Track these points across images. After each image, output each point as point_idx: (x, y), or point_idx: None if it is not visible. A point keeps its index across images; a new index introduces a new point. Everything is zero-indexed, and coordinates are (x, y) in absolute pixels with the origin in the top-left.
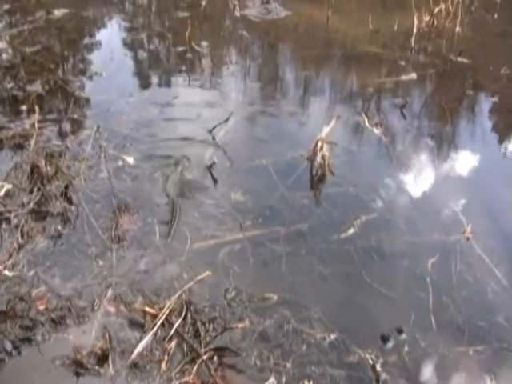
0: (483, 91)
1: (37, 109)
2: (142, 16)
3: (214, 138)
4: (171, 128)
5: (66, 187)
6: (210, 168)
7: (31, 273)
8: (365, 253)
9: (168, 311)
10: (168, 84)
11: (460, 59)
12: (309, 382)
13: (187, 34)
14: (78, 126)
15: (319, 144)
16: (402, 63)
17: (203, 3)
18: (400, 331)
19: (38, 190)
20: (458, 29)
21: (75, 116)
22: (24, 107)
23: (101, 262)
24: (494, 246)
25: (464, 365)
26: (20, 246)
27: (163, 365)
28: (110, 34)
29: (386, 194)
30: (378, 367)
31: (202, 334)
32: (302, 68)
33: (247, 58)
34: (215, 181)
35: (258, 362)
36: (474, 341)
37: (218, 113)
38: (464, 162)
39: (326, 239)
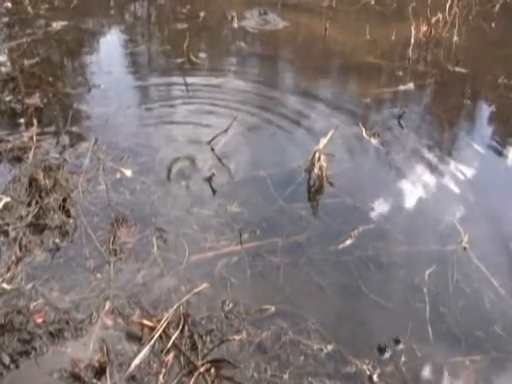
0: (481, 100)
1: (35, 122)
2: (140, 28)
3: (212, 150)
4: (169, 140)
5: (64, 200)
6: (209, 179)
7: (29, 286)
8: (362, 263)
9: (165, 324)
10: (166, 96)
11: (458, 69)
12: None
13: (185, 46)
14: (76, 138)
15: (317, 155)
16: (400, 73)
17: (201, 15)
18: (397, 342)
19: (37, 202)
20: (455, 38)
21: (73, 129)
22: (22, 120)
23: (99, 275)
24: (491, 255)
25: (461, 375)
26: (18, 259)
27: (161, 377)
28: (109, 46)
29: (383, 204)
30: (375, 378)
31: (200, 346)
32: (300, 79)
33: (246, 69)
34: (214, 192)
35: (255, 374)
36: (471, 350)
37: (216, 124)
38: (461, 171)
39: (323, 250)
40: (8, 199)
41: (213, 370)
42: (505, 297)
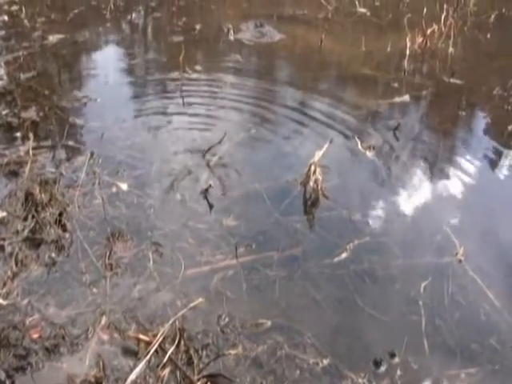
0: (476, 112)
1: (31, 136)
2: (136, 41)
3: (208, 163)
4: (165, 153)
5: (60, 214)
6: (205, 192)
7: (25, 301)
8: (358, 277)
9: (161, 338)
10: (162, 109)
11: (453, 80)
12: None
13: (181, 59)
14: (72, 152)
15: (312, 168)
16: (395, 85)
17: (197, 27)
18: (392, 355)
19: (33, 217)
20: (450, 49)
21: (69, 142)
22: (19, 134)
23: (95, 290)
24: (487, 267)
25: None
26: (14, 274)
27: None
28: (105, 60)
29: (378, 217)
30: None
31: (195, 360)
32: (296, 90)
33: (241, 81)
34: (210, 205)
35: None
36: (467, 363)
37: (212, 137)
38: (457, 183)
39: (319, 264)
40: (4, 214)
41: None
42: (500, 309)
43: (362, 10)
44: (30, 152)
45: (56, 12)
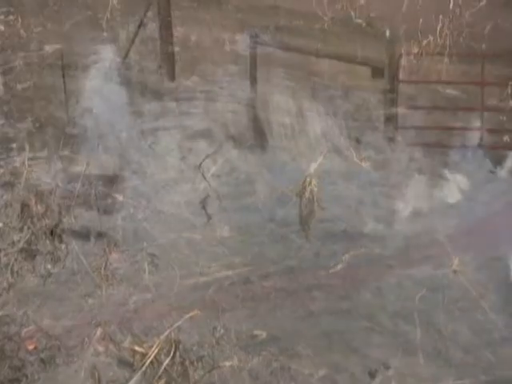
0: (472, 123)
1: (27, 146)
2: (132, 52)
3: (203, 174)
4: (160, 163)
5: (56, 225)
6: (201, 202)
7: (21, 312)
8: (353, 288)
9: (157, 350)
10: (158, 119)
11: (449, 91)
12: None
13: (177, 69)
14: (68, 163)
15: (308, 179)
16: (391, 96)
17: (193, 38)
18: (387, 367)
19: (28, 228)
20: (446, 60)
21: (65, 153)
22: (14, 145)
23: (90, 301)
24: (481, 278)
25: None
26: (10, 285)
27: None
28: (101, 70)
29: (374, 228)
30: None
31: (191, 372)
32: (292, 101)
33: (237, 92)
34: (205, 216)
35: None
36: (461, 375)
37: (208, 148)
38: (452, 194)
39: (314, 275)
40: (0, 224)
41: None
42: (494, 320)
43: (358, 20)
44: (26, 163)
45: (52, 22)
